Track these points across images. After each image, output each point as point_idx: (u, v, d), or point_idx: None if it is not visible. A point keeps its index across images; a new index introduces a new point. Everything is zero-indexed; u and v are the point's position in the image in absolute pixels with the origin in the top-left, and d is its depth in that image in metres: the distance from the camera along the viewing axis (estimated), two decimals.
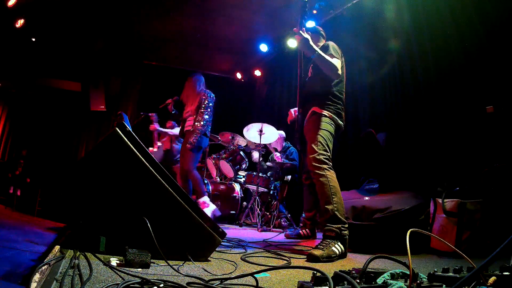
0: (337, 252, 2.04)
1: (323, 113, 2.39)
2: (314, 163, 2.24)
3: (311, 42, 2.28)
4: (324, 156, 2.26)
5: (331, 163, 2.28)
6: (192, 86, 3.87)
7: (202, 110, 3.61)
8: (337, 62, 2.36)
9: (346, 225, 2.18)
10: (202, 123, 3.56)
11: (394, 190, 2.82)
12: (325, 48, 2.43)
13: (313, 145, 2.29)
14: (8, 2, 4.76)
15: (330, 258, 1.98)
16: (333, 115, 2.41)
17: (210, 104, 3.70)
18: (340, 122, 2.47)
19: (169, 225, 1.62)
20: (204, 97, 3.69)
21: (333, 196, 2.17)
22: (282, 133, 4.94)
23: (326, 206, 2.16)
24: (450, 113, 3.09)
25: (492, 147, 2.65)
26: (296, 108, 2.76)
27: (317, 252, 1.95)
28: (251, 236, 3.11)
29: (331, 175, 2.23)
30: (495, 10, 2.83)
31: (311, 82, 2.53)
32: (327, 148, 2.31)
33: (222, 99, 7.58)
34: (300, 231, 2.94)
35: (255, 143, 4.71)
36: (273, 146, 5.03)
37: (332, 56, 2.36)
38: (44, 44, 6.08)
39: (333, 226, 2.12)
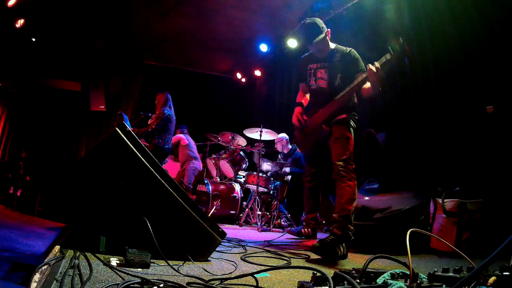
0: (339, 252, 2.05)
1: (352, 124, 2.45)
2: (345, 169, 2.29)
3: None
4: (353, 167, 2.34)
5: None
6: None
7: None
8: None
9: (354, 231, 2.22)
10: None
11: (394, 190, 2.82)
12: (355, 60, 2.42)
13: (347, 152, 2.33)
14: (8, 2, 4.76)
15: (333, 254, 1.99)
16: (355, 124, 2.50)
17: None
18: None
19: (169, 225, 1.62)
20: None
21: (354, 202, 2.24)
22: (284, 136, 4.89)
23: (346, 206, 2.20)
24: (450, 113, 3.09)
25: (492, 147, 2.65)
26: (300, 110, 2.67)
27: (321, 244, 1.97)
28: (251, 236, 3.11)
29: (356, 185, 2.30)
30: (495, 10, 2.83)
31: (340, 90, 2.42)
32: (353, 159, 2.39)
33: (222, 99, 7.64)
34: (302, 230, 2.92)
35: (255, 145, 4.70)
36: (279, 150, 4.98)
37: (364, 71, 2.35)
38: (44, 44, 6.07)
39: (347, 224, 2.15)
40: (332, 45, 2.52)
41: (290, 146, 4.88)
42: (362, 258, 2.18)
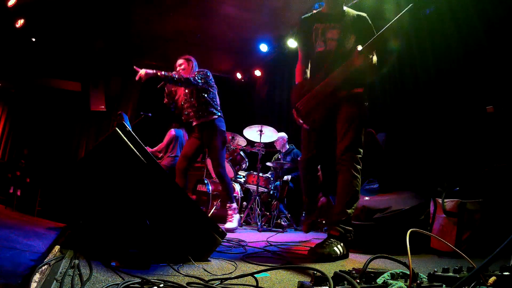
0: (338, 252, 2.04)
1: (366, 104, 2.14)
2: (354, 160, 2.04)
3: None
4: (361, 156, 2.08)
5: None
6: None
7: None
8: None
9: (353, 231, 2.16)
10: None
11: (394, 190, 2.82)
12: (370, 27, 2.21)
13: (358, 139, 2.06)
14: (8, 2, 4.76)
15: (330, 258, 1.98)
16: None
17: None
18: None
19: (169, 225, 1.62)
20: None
21: (356, 202, 2.09)
22: (284, 135, 4.97)
23: (346, 209, 2.07)
24: (450, 113, 3.09)
25: (492, 147, 2.65)
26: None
27: (319, 250, 1.95)
28: (251, 236, 3.11)
29: (360, 179, 2.11)
30: (495, 10, 2.83)
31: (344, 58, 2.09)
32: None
33: (222, 99, 7.62)
34: (304, 224, 2.73)
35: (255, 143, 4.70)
36: (278, 148, 5.06)
37: None
38: (44, 44, 6.08)
39: (345, 227, 2.07)
40: (344, 7, 2.28)
41: (288, 146, 4.97)
42: (362, 258, 2.18)
